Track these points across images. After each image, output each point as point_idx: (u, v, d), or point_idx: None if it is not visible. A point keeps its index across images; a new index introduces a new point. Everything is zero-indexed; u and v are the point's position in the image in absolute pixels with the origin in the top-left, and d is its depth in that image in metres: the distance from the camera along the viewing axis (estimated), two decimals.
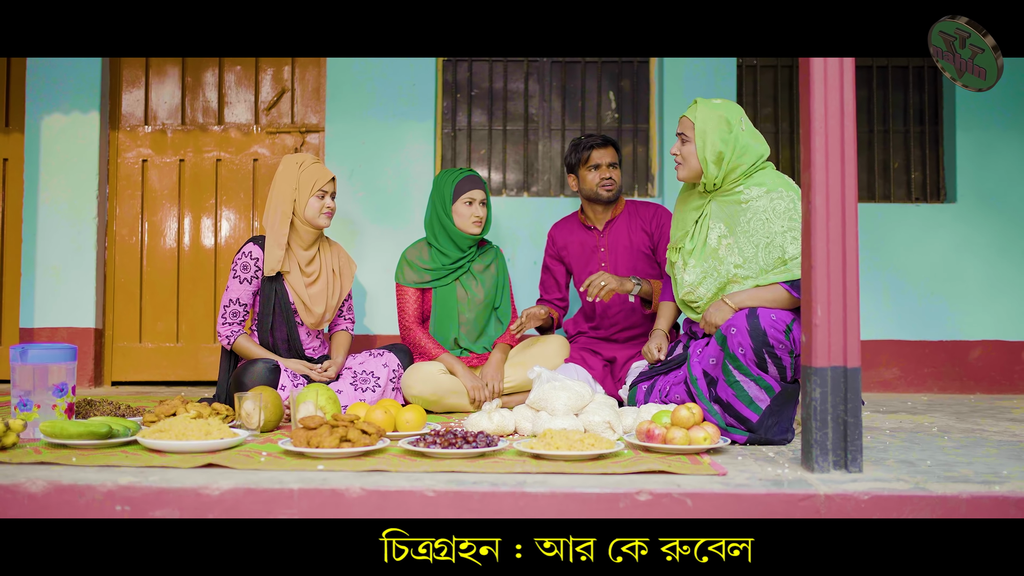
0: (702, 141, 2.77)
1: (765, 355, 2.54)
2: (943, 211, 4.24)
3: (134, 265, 4.32)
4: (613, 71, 4.39)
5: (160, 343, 4.32)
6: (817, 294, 2.16)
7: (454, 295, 3.44)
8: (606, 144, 3.50)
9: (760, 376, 2.54)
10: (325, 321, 3.32)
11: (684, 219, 2.92)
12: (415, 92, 4.23)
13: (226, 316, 3.21)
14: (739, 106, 2.85)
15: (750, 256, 2.73)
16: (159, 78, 4.39)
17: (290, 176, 3.23)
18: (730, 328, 2.58)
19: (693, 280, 2.82)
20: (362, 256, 4.18)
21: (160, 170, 4.34)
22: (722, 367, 2.60)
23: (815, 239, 2.17)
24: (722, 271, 2.76)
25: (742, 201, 2.76)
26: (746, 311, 2.58)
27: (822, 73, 2.18)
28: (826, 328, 2.15)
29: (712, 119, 2.77)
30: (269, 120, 4.37)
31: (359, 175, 4.21)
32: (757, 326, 2.54)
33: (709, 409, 2.60)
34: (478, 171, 4.37)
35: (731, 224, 2.77)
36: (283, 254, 3.18)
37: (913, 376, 4.18)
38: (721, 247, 2.78)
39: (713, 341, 2.67)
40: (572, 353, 3.42)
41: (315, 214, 3.24)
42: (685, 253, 2.86)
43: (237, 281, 3.21)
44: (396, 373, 3.29)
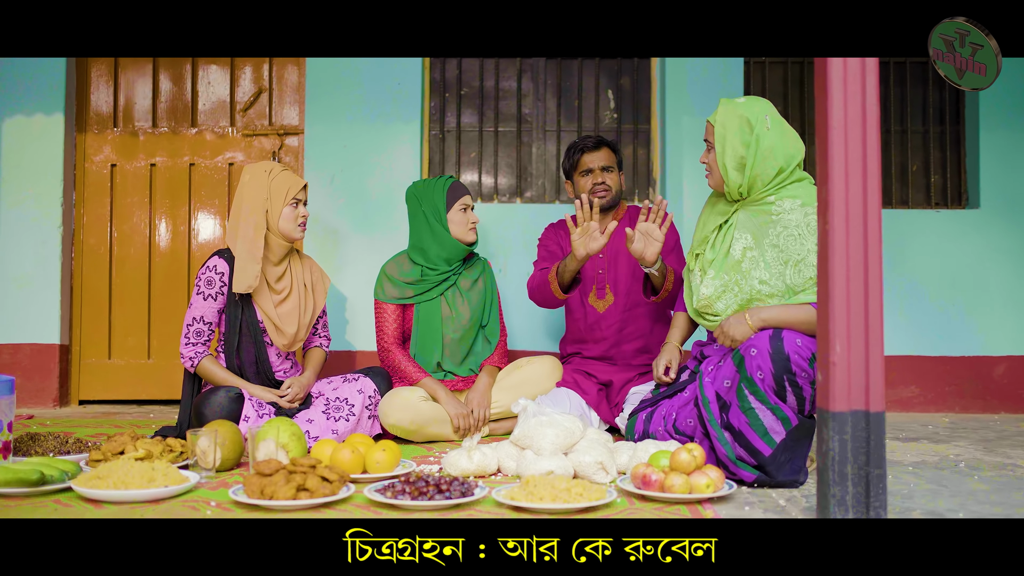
0: (721, 146, 2.53)
1: (785, 382, 2.29)
2: (965, 217, 3.96)
3: (103, 277, 4.07)
4: (612, 68, 4.12)
5: (130, 360, 4.07)
6: (835, 327, 1.89)
7: (438, 313, 3.18)
8: (599, 146, 3.23)
9: (777, 405, 2.30)
10: (298, 342, 3.07)
11: (707, 225, 2.67)
12: (400, 91, 3.96)
13: (189, 336, 2.96)
14: (766, 102, 2.58)
15: (776, 273, 2.48)
16: (129, 78, 4.13)
17: (259, 185, 2.97)
18: (750, 349, 2.33)
19: (711, 293, 2.56)
20: (344, 267, 3.92)
21: (130, 175, 4.08)
22: (737, 391, 2.34)
23: (833, 265, 1.90)
24: (744, 286, 2.50)
25: (773, 213, 2.50)
26: (770, 332, 2.33)
27: (841, 77, 1.91)
28: (845, 367, 1.88)
29: (731, 121, 2.52)
30: (246, 122, 4.11)
31: (341, 180, 3.95)
32: (780, 350, 2.29)
33: (719, 437, 2.34)
34: (468, 175, 4.10)
35: (758, 236, 2.52)
36: (259, 270, 2.93)
37: (933, 394, 3.90)
38: (745, 259, 2.52)
39: (729, 361, 2.41)
40: (564, 375, 3.16)
41: (290, 225, 2.99)
42: (704, 262, 2.61)
43: (201, 298, 2.95)
44: (373, 400, 3.03)
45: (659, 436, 2.57)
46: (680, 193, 3.86)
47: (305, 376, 3.04)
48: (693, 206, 3.83)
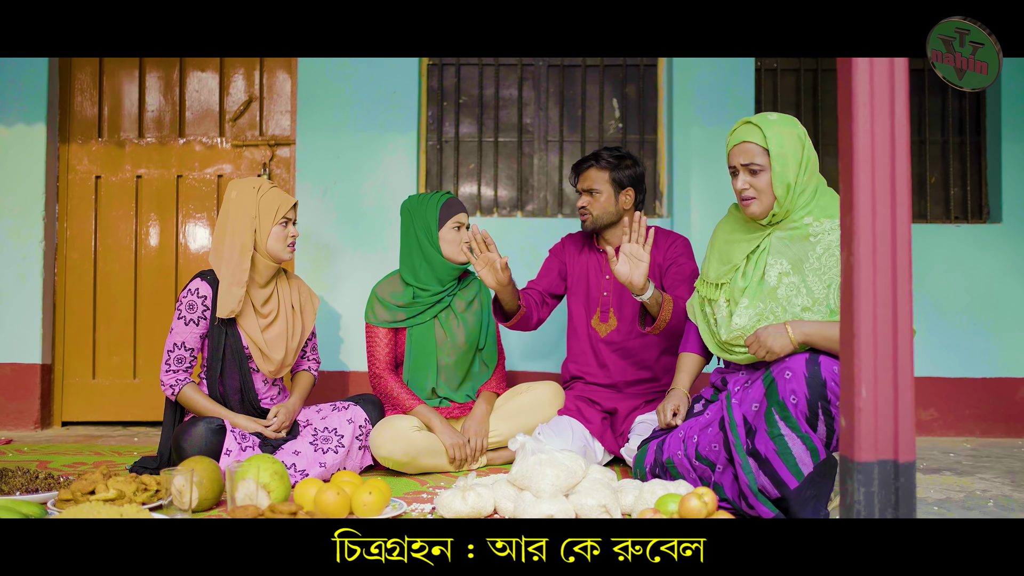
0: (782, 167, 2.35)
1: (819, 410, 2.13)
2: (986, 232, 3.78)
3: (86, 293, 3.91)
4: (617, 76, 3.95)
5: (115, 379, 3.91)
6: (861, 368, 1.71)
7: (432, 336, 3.01)
8: (582, 167, 3.05)
9: (808, 435, 2.14)
10: (285, 367, 2.91)
11: (730, 252, 2.49)
12: (396, 100, 3.80)
13: (170, 363, 2.80)
14: (792, 116, 2.44)
15: (820, 298, 2.31)
16: (114, 85, 3.97)
17: (247, 203, 2.81)
18: (784, 371, 2.17)
19: (745, 323, 2.38)
20: (336, 284, 3.76)
21: (115, 187, 3.93)
22: (766, 415, 2.18)
23: (859, 300, 1.72)
24: (784, 315, 2.34)
25: (811, 235, 2.35)
26: (806, 356, 2.17)
27: (867, 81, 1.74)
28: (872, 412, 1.71)
29: (788, 141, 2.36)
30: (235, 132, 3.95)
31: (334, 193, 3.79)
32: (817, 375, 2.13)
33: (744, 464, 2.18)
34: (467, 187, 3.94)
35: (797, 261, 2.35)
36: (243, 293, 2.77)
37: (953, 417, 3.73)
38: (781, 286, 2.35)
39: (758, 382, 2.24)
40: (567, 402, 2.99)
41: (280, 246, 2.83)
42: (735, 291, 2.43)
43: (182, 323, 2.79)
44: (363, 429, 2.87)
45: (676, 462, 2.39)
46: (688, 208, 3.69)
47: (291, 402, 2.87)
48: (702, 222, 3.66)
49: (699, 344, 2.64)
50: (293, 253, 2.88)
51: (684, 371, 2.64)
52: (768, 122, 2.37)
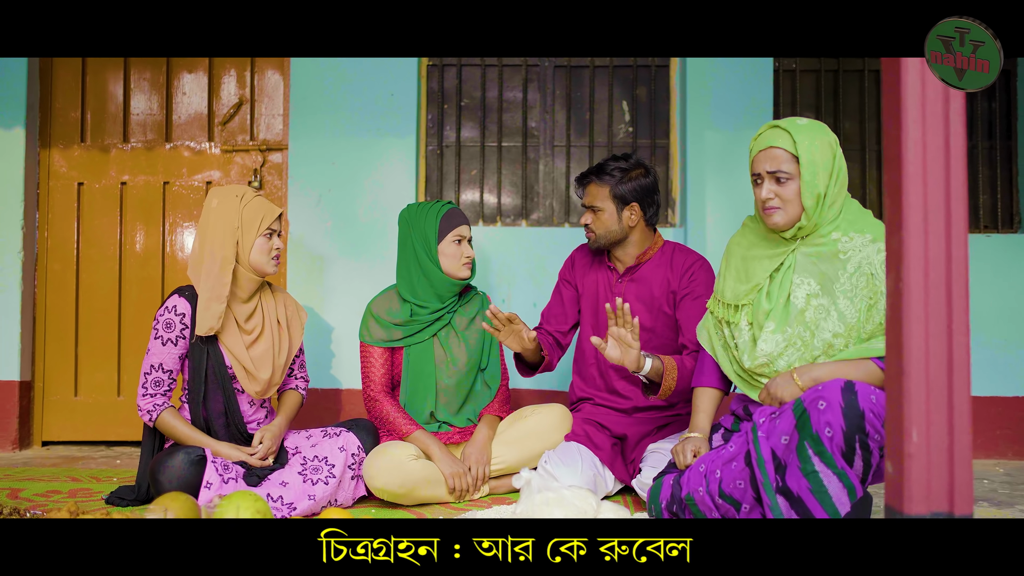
0: (812, 176, 2.15)
1: (856, 444, 1.93)
2: (1018, 242, 3.57)
3: (68, 306, 3.71)
4: (627, 77, 3.75)
5: (99, 397, 3.71)
6: (912, 409, 1.51)
7: (431, 356, 2.82)
8: (585, 180, 2.84)
9: (844, 471, 1.94)
10: (273, 387, 2.71)
11: (751, 269, 2.29)
12: (394, 103, 3.60)
13: (147, 386, 2.60)
14: (822, 122, 2.24)
15: (853, 323, 2.13)
16: (97, 87, 3.77)
17: (229, 212, 2.61)
18: (817, 401, 1.97)
19: (772, 350, 2.18)
20: (330, 296, 3.56)
21: (99, 194, 3.73)
22: (797, 449, 1.98)
23: (909, 330, 1.52)
24: (813, 341, 2.15)
25: (840, 251, 2.15)
26: (842, 383, 1.97)
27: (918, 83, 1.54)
28: (924, 459, 1.50)
29: (819, 148, 2.16)
30: (225, 137, 3.75)
31: (328, 200, 3.59)
32: (855, 404, 1.93)
33: (773, 505, 1.98)
34: (469, 195, 3.74)
35: (826, 281, 2.16)
36: (223, 310, 2.58)
37: (984, 438, 3.52)
38: (810, 308, 2.16)
39: (788, 413, 2.04)
40: (575, 427, 2.78)
41: (263, 259, 2.64)
42: (759, 313, 2.23)
43: (159, 343, 2.60)
44: (356, 458, 2.67)
45: (697, 499, 2.18)
46: (703, 217, 3.48)
47: (276, 423, 2.67)
48: (718, 232, 3.46)
49: (716, 375, 2.42)
50: (277, 267, 2.68)
51: (701, 411, 2.40)
52: (798, 127, 2.17)
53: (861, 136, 3.71)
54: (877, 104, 3.68)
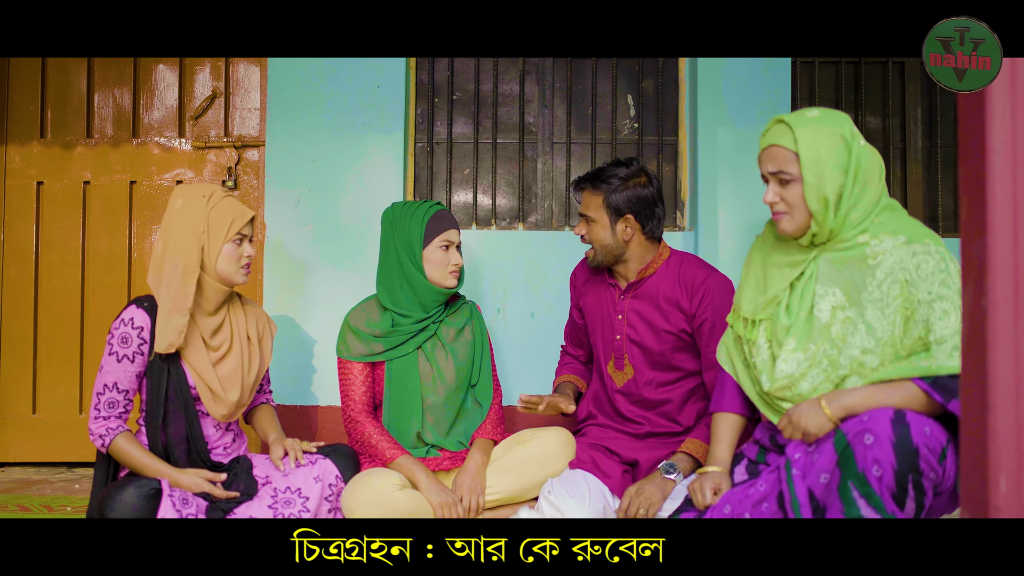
0: (816, 176, 1.89)
1: (909, 485, 1.70)
2: None
3: (26, 315, 3.42)
4: (632, 69, 3.47)
5: (59, 414, 3.42)
6: (1000, 453, 1.25)
7: (415, 370, 2.54)
8: (580, 185, 2.56)
9: (894, 516, 1.71)
10: (241, 408, 2.43)
11: (768, 280, 2.02)
12: (381, 96, 3.31)
13: (100, 407, 2.32)
14: (842, 112, 1.97)
15: (885, 337, 1.86)
16: (59, 79, 3.48)
17: (195, 214, 2.33)
18: (863, 435, 1.72)
19: (793, 370, 1.92)
20: (310, 305, 3.28)
21: (60, 194, 3.44)
22: (840, 490, 1.74)
23: (995, 356, 1.26)
24: (840, 358, 1.88)
25: (869, 257, 1.89)
26: (891, 414, 1.72)
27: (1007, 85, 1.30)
28: (1016, 512, 1.25)
29: (825, 142, 1.89)
30: (197, 132, 3.47)
31: (309, 201, 3.30)
32: (907, 440, 1.69)
33: None
34: (461, 195, 3.46)
35: (853, 291, 1.89)
36: (186, 323, 2.30)
37: None
38: (836, 323, 1.89)
39: (827, 446, 1.79)
40: (579, 452, 2.50)
41: (231, 267, 2.35)
42: (778, 329, 1.96)
43: (114, 359, 2.31)
44: (334, 489, 2.39)
45: None
46: (715, 220, 3.21)
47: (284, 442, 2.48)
48: (731, 237, 3.18)
49: (739, 399, 2.15)
50: (247, 276, 2.40)
51: (722, 440, 2.14)
52: (803, 120, 1.90)
53: (885, 132, 3.44)
54: (902, 97, 3.42)
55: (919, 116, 3.43)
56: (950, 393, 1.75)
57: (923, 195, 3.42)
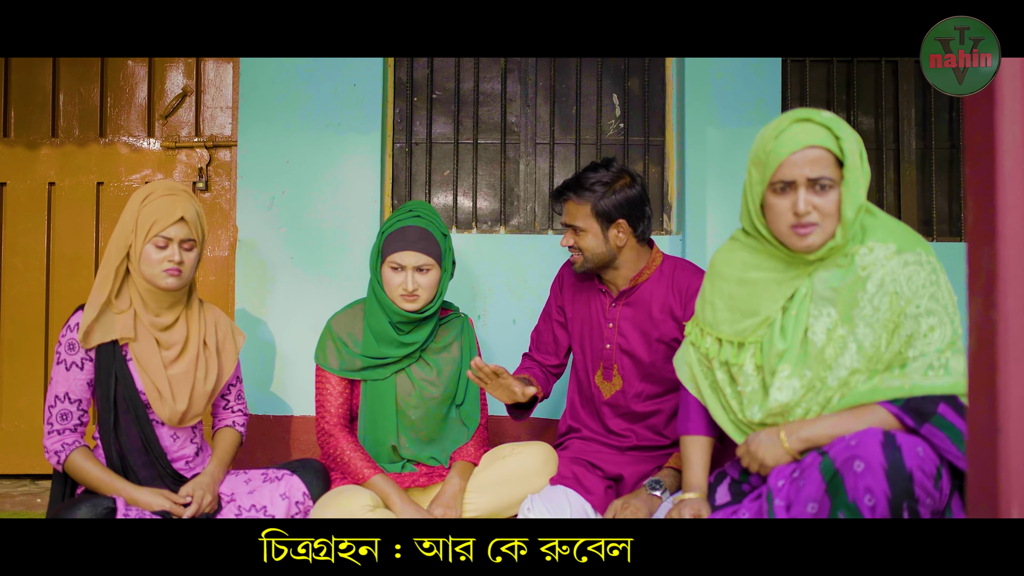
0: (855, 180, 1.75)
1: (905, 513, 1.59)
2: None
3: None
4: (617, 67, 3.36)
5: (21, 424, 3.29)
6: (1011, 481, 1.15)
7: (394, 387, 2.42)
8: (562, 195, 2.44)
9: None
10: (191, 417, 2.29)
11: (756, 298, 1.87)
12: (357, 94, 3.20)
13: (53, 421, 2.20)
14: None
15: (871, 353, 1.74)
16: (21, 75, 3.35)
17: (130, 212, 2.24)
18: (852, 461, 1.61)
19: (789, 399, 1.80)
20: (282, 311, 3.15)
21: (23, 197, 3.31)
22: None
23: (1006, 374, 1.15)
24: (829, 379, 1.76)
25: (859, 268, 1.76)
26: (881, 438, 1.61)
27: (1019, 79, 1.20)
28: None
29: (859, 146, 1.78)
30: (167, 132, 3.34)
31: (282, 204, 3.18)
32: (900, 465, 1.59)
33: None
34: (441, 198, 3.34)
35: (846, 307, 1.77)
36: (95, 318, 2.19)
37: None
38: (831, 345, 1.77)
39: (814, 473, 1.68)
40: (561, 467, 2.38)
41: (153, 270, 2.20)
42: (771, 355, 1.83)
43: (62, 368, 2.20)
44: (301, 507, 2.27)
45: None
46: (703, 224, 3.10)
47: (208, 473, 2.27)
48: (720, 242, 3.06)
49: (704, 421, 2.03)
50: (174, 282, 2.21)
51: (694, 464, 2.02)
52: (834, 120, 1.78)
53: (877, 133, 3.34)
54: (895, 97, 3.32)
55: (913, 116, 3.33)
56: (922, 416, 1.65)
57: (917, 198, 3.32)
